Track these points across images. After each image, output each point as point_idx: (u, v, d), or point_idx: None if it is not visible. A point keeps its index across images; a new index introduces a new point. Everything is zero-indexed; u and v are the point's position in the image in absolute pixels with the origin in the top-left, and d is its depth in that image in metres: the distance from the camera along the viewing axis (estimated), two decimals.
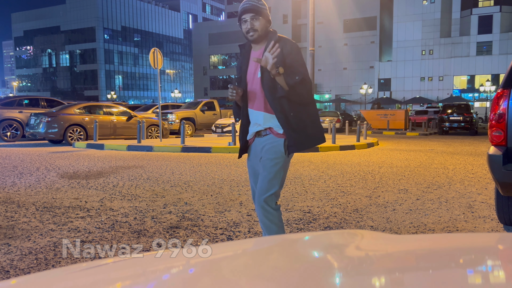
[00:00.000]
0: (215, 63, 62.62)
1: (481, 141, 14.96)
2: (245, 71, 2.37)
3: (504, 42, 43.94)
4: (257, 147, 2.37)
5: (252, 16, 2.23)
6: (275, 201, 2.28)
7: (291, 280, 0.69)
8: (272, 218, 2.26)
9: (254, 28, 2.24)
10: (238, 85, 2.38)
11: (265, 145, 2.30)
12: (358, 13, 49.33)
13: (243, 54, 2.41)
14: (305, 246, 0.93)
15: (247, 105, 2.36)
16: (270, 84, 2.21)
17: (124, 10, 77.38)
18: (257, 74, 2.29)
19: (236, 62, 2.57)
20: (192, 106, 17.39)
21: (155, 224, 3.55)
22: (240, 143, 2.47)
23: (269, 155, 2.27)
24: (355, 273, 0.74)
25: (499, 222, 3.68)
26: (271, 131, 2.30)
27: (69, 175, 6.21)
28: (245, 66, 2.38)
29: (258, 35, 2.26)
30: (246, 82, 2.35)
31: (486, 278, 0.73)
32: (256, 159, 2.40)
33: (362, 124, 16.35)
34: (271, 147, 2.27)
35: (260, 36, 2.27)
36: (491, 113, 3.32)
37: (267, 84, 2.22)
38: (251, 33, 2.25)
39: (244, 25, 2.26)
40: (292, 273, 0.73)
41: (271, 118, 2.28)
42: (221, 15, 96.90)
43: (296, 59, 2.23)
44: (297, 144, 2.25)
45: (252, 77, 2.33)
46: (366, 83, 43.29)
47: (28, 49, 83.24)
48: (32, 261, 2.66)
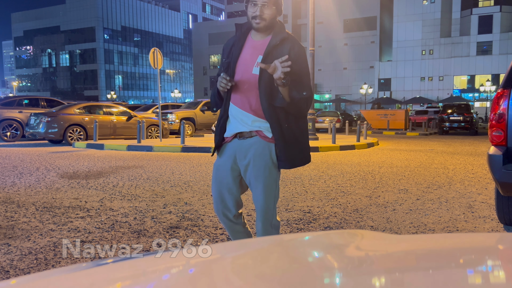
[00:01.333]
0: (215, 63, 62.62)
1: (481, 141, 14.96)
2: (236, 58, 2.02)
3: (504, 42, 43.95)
4: (236, 149, 2.04)
5: (264, 3, 1.92)
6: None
7: (291, 280, 0.69)
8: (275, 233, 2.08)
9: (263, 16, 1.93)
10: (225, 70, 2.02)
11: (252, 150, 1.99)
12: (358, 13, 49.34)
13: (238, 37, 2.06)
14: (305, 246, 0.93)
15: (230, 99, 2.02)
16: (268, 89, 1.93)
17: (124, 10, 77.38)
18: (252, 69, 1.97)
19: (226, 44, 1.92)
20: (192, 106, 17.38)
21: (155, 224, 3.55)
22: (216, 139, 2.10)
23: (260, 162, 1.98)
24: (355, 273, 0.74)
25: (499, 222, 3.68)
26: (258, 134, 1.99)
27: (69, 175, 6.21)
28: (237, 52, 2.03)
29: (264, 25, 1.96)
30: (235, 71, 2.00)
31: (486, 278, 0.73)
32: (229, 163, 2.06)
33: (362, 124, 16.35)
34: (262, 153, 1.98)
35: (266, 26, 1.96)
36: (491, 113, 3.32)
37: (265, 88, 1.93)
38: (257, 20, 1.94)
39: (252, 8, 1.94)
40: (292, 273, 0.73)
41: (260, 121, 1.99)
42: (221, 15, 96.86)
43: (303, 68, 1.97)
44: (288, 160, 1.99)
45: (244, 70, 1.99)
46: (366, 83, 43.30)
47: (28, 49, 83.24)
48: (32, 261, 2.66)
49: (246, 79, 1.98)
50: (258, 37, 2.02)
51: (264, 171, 1.99)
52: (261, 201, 2.02)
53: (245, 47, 2.03)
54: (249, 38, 2.05)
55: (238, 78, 1.99)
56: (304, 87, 1.95)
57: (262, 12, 1.93)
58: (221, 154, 2.10)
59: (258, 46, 2.01)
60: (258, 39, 2.02)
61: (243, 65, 2.00)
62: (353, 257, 0.85)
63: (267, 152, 1.99)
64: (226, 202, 2.10)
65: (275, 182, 2.04)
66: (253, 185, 2.02)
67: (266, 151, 1.99)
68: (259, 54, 1.98)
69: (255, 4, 1.93)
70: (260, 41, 2.01)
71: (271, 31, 2.01)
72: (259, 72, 1.94)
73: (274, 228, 2.08)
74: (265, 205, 2.02)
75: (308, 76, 1.99)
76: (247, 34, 2.06)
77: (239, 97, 1.99)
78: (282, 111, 1.95)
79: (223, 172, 2.08)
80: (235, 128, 2.02)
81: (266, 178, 1.99)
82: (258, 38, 2.02)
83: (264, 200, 2.01)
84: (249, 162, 2.00)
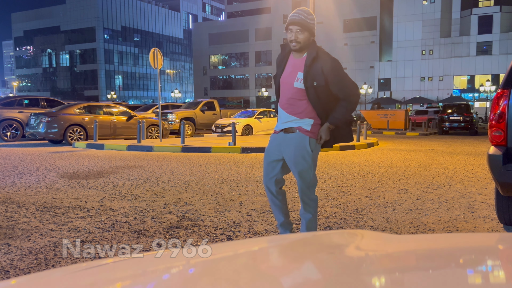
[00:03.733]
0: (215, 63, 62.61)
1: (481, 141, 14.96)
2: (280, 73, 2.66)
3: (504, 42, 43.94)
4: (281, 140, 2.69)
5: (298, 29, 2.47)
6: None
7: (291, 280, 0.69)
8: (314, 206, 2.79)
9: (298, 40, 2.49)
10: (274, 80, 2.73)
11: (292, 143, 2.62)
12: (358, 13, 49.34)
13: (283, 55, 2.69)
14: (305, 246, 0.93)
15: (278, 101, 2.70)
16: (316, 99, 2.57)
17: (124, 10, 77.35)
18: (293, 83, 2.56)
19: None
20: (192, 106, 17.39)
21: (155, 224, 3.55)
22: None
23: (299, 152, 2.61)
24: (355, 273, 0.74)
25: (499, 222, 3.68)
26: (298, 129, 2.62)
27: (69, 175, 6.21)
28: (281, 68, 2.67)
29: (299, 47, 2.51)
30: (279, 83, 2.67)
31: (486, 278, 0.73)
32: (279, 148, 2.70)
33: (362, 124, 16.36)
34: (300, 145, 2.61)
35: (301, 48, 2.52)
36: (491, 113, 3.32)
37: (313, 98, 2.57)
38: (294, 43, 2.50)
39: (289, 34, 2.50)
40: (292, 273, 0.73)
41: (300, 120, 2.61)
42: (221, 15, 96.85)
43: (341, 75, 2.52)
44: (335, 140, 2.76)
45: (286, 81, 2.61)
46: (366, 83, 43.30)
47: (28, 49, 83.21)
48: (32, 261, 2.66)
49: (287, 90, 2.62)
50: (297, 56, 2.61)
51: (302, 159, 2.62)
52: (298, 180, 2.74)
53: (288, 65, 2.65)
54: (291, 56, 2.66)
55: (282, 88, 2.65)
56: (348, 89, 2.55)
57: (297, 37, 2.49)
58: (273, 142, 2.75)
59: (297, 64, 2.59)
60: (297, 57, 2.62)
61: (286, 78, 2.63)
62: (353, 257, 0.85)
63: (305, 143, 2.61)
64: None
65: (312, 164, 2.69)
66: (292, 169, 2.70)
67: (304, 143, 2.61)
68: (298, 71, 2.57)
69: (291, 31, 2.49)
70: (298, 59, 2.60)
71: (307, 50, 2.56)
72: (305, 86, 2.54)
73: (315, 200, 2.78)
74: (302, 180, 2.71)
75: (347, 79, 2.55)
76: (289, 53, 2.67)
77: (285, 103, 2.65)
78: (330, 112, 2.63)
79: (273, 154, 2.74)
80: (282, 126, 2.68)
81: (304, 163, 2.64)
82: (297, 56, 2.61)
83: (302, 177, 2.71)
84: (289, 152, 2.66)
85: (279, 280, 0.69)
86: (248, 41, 58.15)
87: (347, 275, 0.72)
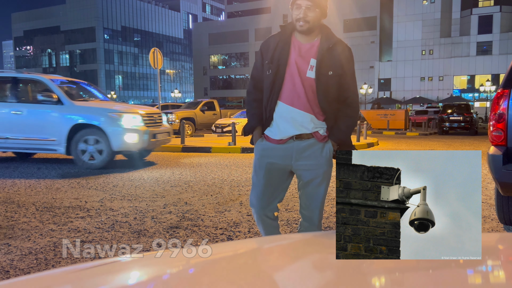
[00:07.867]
0: (215, 63, 62.61)
1: (481, 141, 14.95)
2: (285, 60, 1.99)
3: (504, 42, 43.95)
4: (292, 150, 2.05)
5: (308, 6, 1.91)
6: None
7: (291, 280, 0.69)
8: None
9: (307, 19, 1.92)
10: (270, 72, 2.01)
11: (313, 152, 2.04)
12: (358, 13, 49.33)
13: (283, 39, 2.02)
14: (305, 246, 0.93)
15: (277, 98, 2.01)
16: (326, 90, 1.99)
17: (124, 10, 77.35)
18: (306, 72, 1.98)
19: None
20: (192, 106, 17.39)
21: (155, 224, 3.55)
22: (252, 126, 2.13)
23: (324, 167, 2.06)
24: (355, 273, 0.74)
25: (499, 222, 3.68)
26: (315, 136, 2.03)
27: (69, 175, 6.21)
28: (286, 53, 1.99)
29: (308, 27, 1.94)
30: (285, 73, 1.99)
31: (486, 278, 0.73)
32: (286, 162, 2.07)
33: (362, 124, 16.33)
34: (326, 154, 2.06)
35: (309, 29, 1.95)
36: (491, 113, 3.32)
37: (323, 91, 1.98)
38: (301, 22, 1.93)
39: (296, 11, 1.94)
40: (292, 273, 0.73)
41: (318, 121, 2.03)
42: (221, 15, 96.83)
43: (351, 70, 2.05)
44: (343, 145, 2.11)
45: (294, 72, 1.99)
46: (366, 83, 43.28)
47: (28, 49, 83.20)
48: (32, 261, 2.66)
49: (302, 82, 1.97)
50: (305, 40, 2.00)
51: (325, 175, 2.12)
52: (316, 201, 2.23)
53: (293, 50, 2.00)
54: (294, 40, 2.02)
55: (289, 80, 1.99)
56: (356, 88, 2.08)
57: (306, 15, 1.92)
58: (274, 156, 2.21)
59: (307, 49, 2.00)
60: (305, 41, 2.01)
61: (294, 67, 1.99)
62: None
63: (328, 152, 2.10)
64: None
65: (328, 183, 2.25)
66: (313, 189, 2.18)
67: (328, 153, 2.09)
68: (310, 57, 1.98)
69: (299, 7, 1.92)
70: (308, 44, 2.00)
71: (317, 34, 2.01)
72: (316, 75, 1.96)
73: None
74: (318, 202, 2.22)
75: (353, 77, 2.07)
76: (291, 35, 2.03)
77: (297, 99, 1.99)
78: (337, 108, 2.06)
79: (274, 171, 2.19)
80: (292, 131, 2.09)
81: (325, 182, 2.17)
82: (305, 40, 2.00)
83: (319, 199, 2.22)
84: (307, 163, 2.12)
85: (279, 280, 0.69)
86: (248, 41, 58.14)
87: (347, 275, 0.72)
